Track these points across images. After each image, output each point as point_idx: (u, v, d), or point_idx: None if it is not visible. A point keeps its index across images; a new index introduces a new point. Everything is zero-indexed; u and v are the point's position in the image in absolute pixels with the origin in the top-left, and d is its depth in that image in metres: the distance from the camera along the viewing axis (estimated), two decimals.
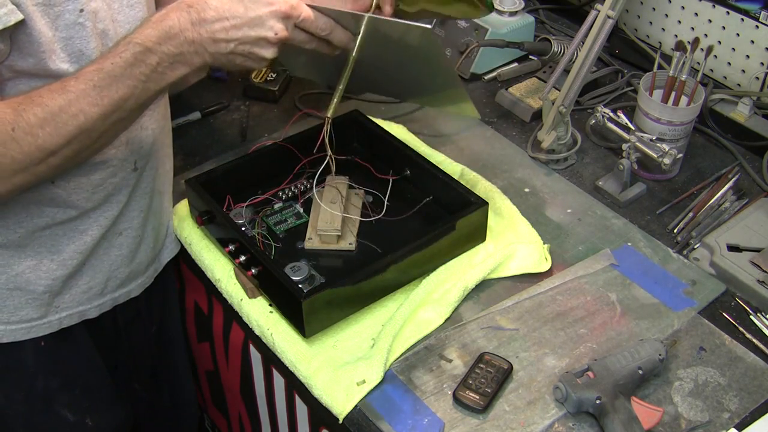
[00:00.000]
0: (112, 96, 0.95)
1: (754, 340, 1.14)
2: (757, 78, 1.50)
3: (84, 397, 1.29)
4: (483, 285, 1.22)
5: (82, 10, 0.99)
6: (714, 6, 1.53)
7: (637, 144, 1.35)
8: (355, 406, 1.07)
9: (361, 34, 1.09)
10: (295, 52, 1.09)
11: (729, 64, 1.54)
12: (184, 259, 1.37)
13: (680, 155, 1.38)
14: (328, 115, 1.13)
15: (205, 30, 0.95)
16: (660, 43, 1.66)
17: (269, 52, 0.99)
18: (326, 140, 1.14)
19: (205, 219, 1.27)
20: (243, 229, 1.26)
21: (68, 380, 1.26)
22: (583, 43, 1.36)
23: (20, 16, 0.93)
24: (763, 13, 1.46)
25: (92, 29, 1.01)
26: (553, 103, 1.39)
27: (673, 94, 1.39)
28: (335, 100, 1.13)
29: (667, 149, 1.32)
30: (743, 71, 1.53)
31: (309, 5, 1.02)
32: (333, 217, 1.26)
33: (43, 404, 1.25)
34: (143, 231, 1.24)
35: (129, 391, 1.44)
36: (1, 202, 1.01)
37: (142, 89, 0.96)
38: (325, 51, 1.08)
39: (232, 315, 1.26)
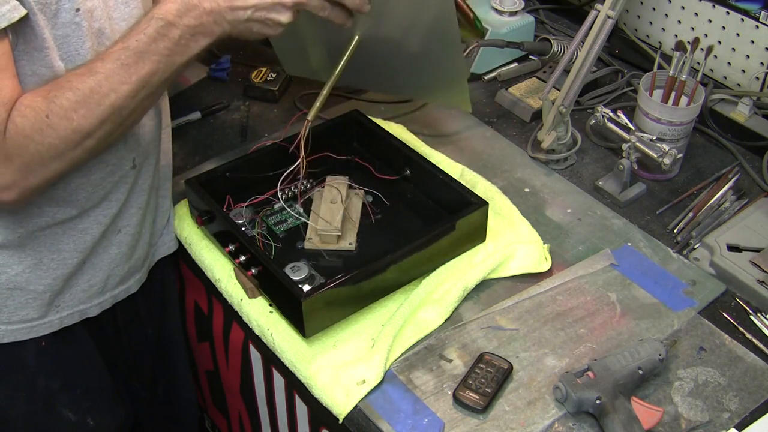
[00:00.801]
0: (140, 72, 0.98)
1: (754, 340, 1.14)
2: (757, 78, 1.50)
3: (85, 396, 1.29)
4: (483, 285, 1.22)
5: (78, 10, 1.00)
6: (714, 6, 1.53)
7: (637, 144, 1.35)
8: (355, 406, 1.07)
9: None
10: (300, 39, 1.09)
11: (729, 64, 1.54)
12: (184, 259, 1.37)
13: (680, 155, 1.38)
14: (309, 119, 1.13)
15: None
16: (660, 43, 1.66)
17: (285, 17, 1.02)
18: (302, 143, 1.15)
19: (205, 219, 1.27)
20: (243, 229, 1.26)
21: (69, 380, 1.26)
22: (583, 43, 1.36)
23: (23, 12, 0.94)
24: (763, 13, 1.46)
25: (88, 29, 1.02)
26: (553, 103, 1.39)
27: (673, 94, 1.39)
28: (318, 103, 1.14)
29: (667, 149, 1.32)
30: (743, 71, 1.53)
31: None
32: (333, 217, 1.26)
33: (45, 404, 1.25)
34: (141, 228, 1.24)
35: (129, 391, 1.44)
36: (37, 193, 1.03)
37: (167, 63, 0.99)
38: (339, 21, 1.09)
39: (232, 315, 1.26)
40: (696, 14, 1.57)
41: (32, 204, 1.08)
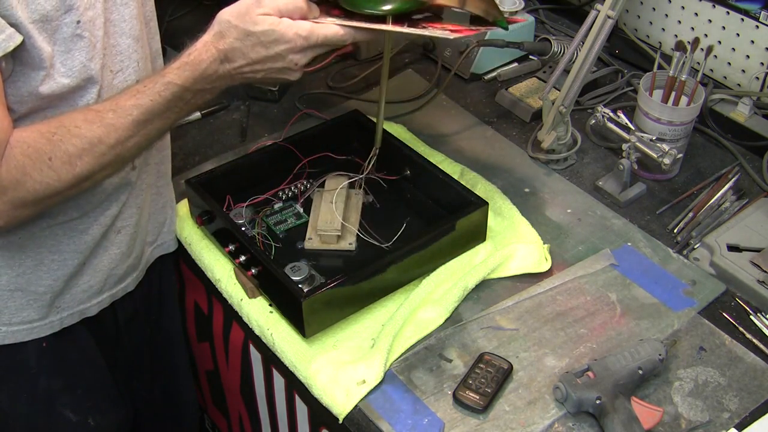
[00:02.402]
0: (149, 129, 1.02)
1: (754, 340, 1.14)
2: (757, 78, 1.50)
3: (86, 397, 1.29)
4: (483, 285, 1.22)
5: (78, 22, 0.99)
6: (714, 6, 1.53)
7: (637, 144, 1.35)
8: (355, 406, 1.07)
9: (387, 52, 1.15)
10: None
11: (729, 64, 1.54)
12: (184, 259, 1.37)
13: (680, 155, 1.38)
14: (377, 146, 1.22)
15: (232, 67, 1.02)
16: (660, 43, 1.66)
17: (295, 75, 1.05)
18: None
19: (205, 219, 1.27)
20: (243, 229, 1.26)
21: (70, 380, 1.26)
22: (583, 43, 1.35)
23: (19, 40, 0.93)
24: (763, 13, 1.46)
25: (90, 39, 1.01)
26: (553, 103, 1.39)
27: (673, 94, 1.39)
28: (378, 135, 1.21)
29: (667, 149, 1.32)
30: (743, 71, 1.53)
31: (326, 21, 1.02)
32: (333, 217, 1.26)
33: (46, 405, 1.25)
34: (139, 228, 1.24)
35: (130, 391, 1.44)
36: (25, 222, 1.05)
37: (174, 120, 1.04)
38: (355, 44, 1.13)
39: (232, 315, 1.26)
40: (696, 14, 1.57)
41: None
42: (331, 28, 1.01)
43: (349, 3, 1.04)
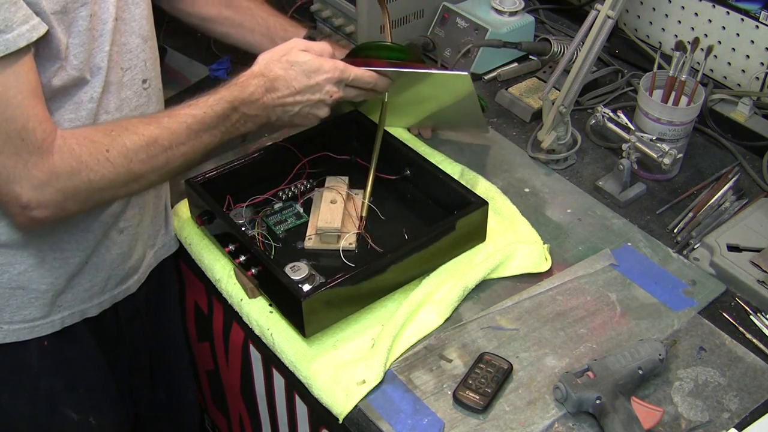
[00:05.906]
0: (198, 139, 1.08)
1: (754, 340, 1.14)
2: (757, 78, 1.50)
3: (87, 396, 1.29)
4: (483, 285, 1.22)
5: (92, 15, 1.01)
6: (714, 6, 1.53)
7: (637, 144, 1.35)
8: (355, 406, 1.07)
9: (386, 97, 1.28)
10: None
11: (729, 64, 1.54)
12: (184, 259, 1.37)
13: (680, 155, 1.38)
14: (365, 201, 1.28)
15: (276, 96, 1.13)
16: (660, 43, 1.66)
17: (324, 112, 1.19)
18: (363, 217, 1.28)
19: (205, 219, 1.27)
20: (243, 229, 1.26)
21: (72, 380, 1.26)
22: (583, 43, 1.35)
23: (43, 30, 0.94)
24: (763, 13, 1.46)
25: (99, 34, 1.03)
26: (553, 103, 1.39)
27: (673, 94, 1.39)
28: (369, 187, 1.29)
29: (667, 149, 1.32)
30: (743, 71, 1.53)
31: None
32: (333, 217, 1.26)
33: (48, 404, 1.25)
34: (140, 228, 1.24)
35: (130, 391, 1.44)
36: (68, 218, 1.07)
37: (219, 139, 1.12)
38: (371, 98, 1.28)
39: (232, 315, 1.26)
40: (696, 14, 1.57)
41: None
42: (360, 69, 1.18)
43: (368, 48, 1.29)
